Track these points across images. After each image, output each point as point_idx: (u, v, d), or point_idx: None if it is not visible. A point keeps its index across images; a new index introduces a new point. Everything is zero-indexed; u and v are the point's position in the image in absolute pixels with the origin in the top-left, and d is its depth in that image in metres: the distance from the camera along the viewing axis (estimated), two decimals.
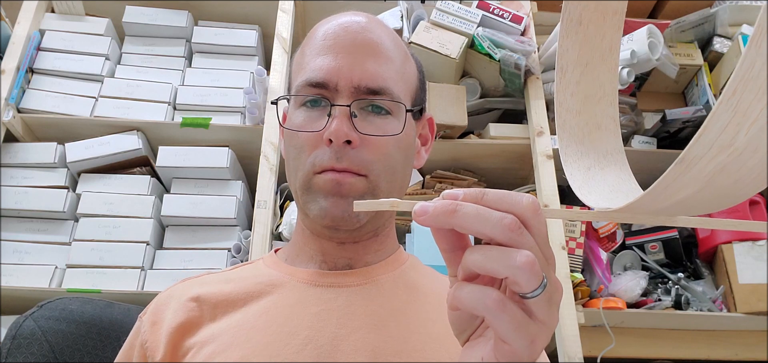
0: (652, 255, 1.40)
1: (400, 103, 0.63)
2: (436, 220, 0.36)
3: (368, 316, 0.59)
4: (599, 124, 0.45)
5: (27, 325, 0.72)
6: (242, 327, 0.59)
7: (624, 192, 0.41)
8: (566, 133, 0.44)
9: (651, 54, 1.31)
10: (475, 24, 1.41)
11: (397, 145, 0.62)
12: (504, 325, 0.35)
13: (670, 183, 0.31)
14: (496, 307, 0.34)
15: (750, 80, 0.25)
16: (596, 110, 0.45)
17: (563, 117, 0.44)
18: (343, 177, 0.59)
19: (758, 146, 0.27)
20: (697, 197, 0.32)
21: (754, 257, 1.33)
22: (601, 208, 0.39)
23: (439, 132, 1.37)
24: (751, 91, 0.25)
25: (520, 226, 0.35)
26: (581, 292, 1.26)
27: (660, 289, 1.35)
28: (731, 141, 0.27)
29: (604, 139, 0.44)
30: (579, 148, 0.44)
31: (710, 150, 0.28)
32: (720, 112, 0.26)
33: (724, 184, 0.31)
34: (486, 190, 0.36)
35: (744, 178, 0.30)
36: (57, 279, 1.23)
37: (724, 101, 0.26)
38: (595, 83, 0.44)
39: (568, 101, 0.44)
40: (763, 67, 0.24)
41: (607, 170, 0.43)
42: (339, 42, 0.62)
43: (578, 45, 0.44)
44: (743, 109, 0.26)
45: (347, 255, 0.65)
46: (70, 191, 1.31)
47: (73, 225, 1.29)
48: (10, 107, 1.33)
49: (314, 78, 0.61)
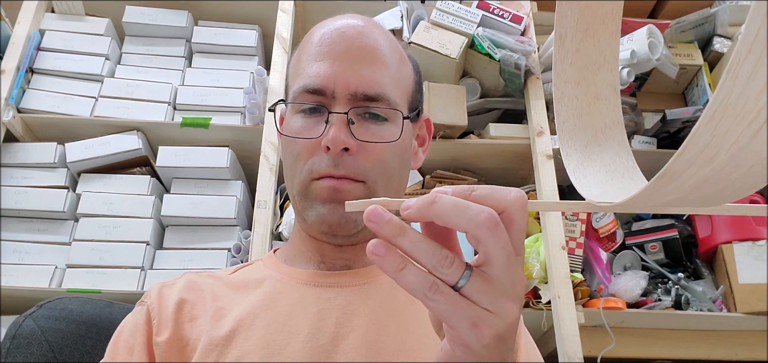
0: (652, 255, 1.40)
1: (396, 110, 0.63)
2: (418, 213, 0.36)
3: (367, 315, 0.60)
4: (599, 93, 0.43)
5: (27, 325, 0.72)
6: (241, 326, 0.59)
7: (619, 172, 0.40)
8: (564, 107, 0.43)
9: (651, 54, 1.31)
10: (475, 24, 1.41)
11: (393, 150, 0.63)
12: (440, 307, 0.35)
13: (653, 192, 0.30)
14: (430, 290, 0.35)
15: (728, 107, 0.25)
16: (596, 79, 0.43)
17: (561, 89, 0.43)
18: (341, 184, 0.60)
19: (740, 162, 0.27)
20: (685, 200, 0.32)
21: (754, 257, 1.33)
22: (591, 200, 0.38)
23: (439, 132, 1.37)
24: (729, 116, 0.25)
25: (496, 223, 0.35)
26: (581, 292, 1.26)
27: (660, 289, 1.35)
28: (712, 159, 0.27)
29: (604, 110, 0.43)
30: (577, 122, 0.43)
31: (691, 167, 0.28)
32: (699, 133, 0.26)
33: (708, 191, 0.30)
34: (476, 186, 0.37)
35: (728, 188, 0.30)
36: (57, 279, 1.23)
37: (703, 125, 0.26)
38: (596, 49, 0.42)
39: (567, 71, 0.42)
40: (740, 96, 0.24)
41: (604, 146, 0.42)
42: (335, 48, 0.62)
43: (577, 9, 0.41)
44: (723, 131, 0.26)
45: (345, 257, 0.66)
46: (70, 191, 1.31)
47: (73, 225, 1.29)
48: (10, 107, 1.33)
49: (311, 84, 0.61)
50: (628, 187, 0.39)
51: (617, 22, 0.42)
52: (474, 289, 0.36)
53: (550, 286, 1.23)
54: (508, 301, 0.36)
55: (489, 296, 0.36)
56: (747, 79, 0.24)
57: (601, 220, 1.40)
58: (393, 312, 0.61)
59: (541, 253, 1.28)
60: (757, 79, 0.24)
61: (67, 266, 1.24)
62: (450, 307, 0.35)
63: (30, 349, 0.71)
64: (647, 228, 1.43)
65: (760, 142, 0.26)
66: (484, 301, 0.36)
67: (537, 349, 0.64)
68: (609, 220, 1.40)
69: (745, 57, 0.23)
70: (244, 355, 0.56)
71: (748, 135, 0.26)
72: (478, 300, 0.36)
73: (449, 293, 0.35)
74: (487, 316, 0.36)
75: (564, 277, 1.21)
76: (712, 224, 1.39)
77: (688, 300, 1.31)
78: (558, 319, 1.18)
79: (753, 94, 0.24)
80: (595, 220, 1.40)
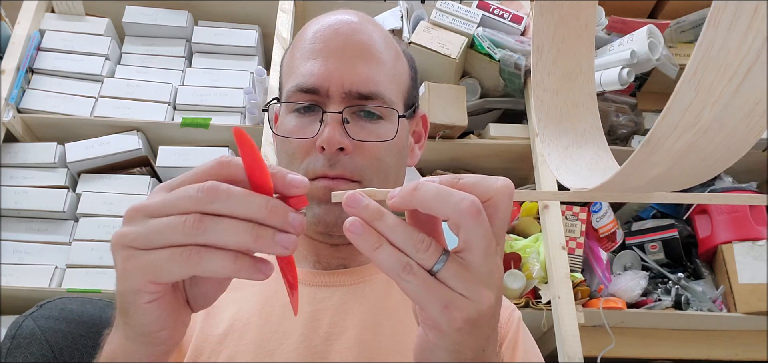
0: (652, 255, 1.40)
1: (392, 108, 0.62)
2: (402, 201, 0.37)
3: (361, 315, 0.59)
4: (576, 102, 0.45)
5: (26, 325, 0.72)
6: (235, 326, 0.59)
7: (601, 169, 0.42)
8: (544, 114, 0.44)
9: (651, 54, 1.31)
10: (475, 24, 1.41)
11: (389, 149, 0.62)
12: (413, 288, 0.36)
13: (639, 163, 0.31)
14: (404, 271, 0.36)
15: (710, 59, 0.25)
16: (573, 88, 0.45)
17: (541, 97, 0.44)
18: (337, 184, 0.59)
19: (724, 122, 0.28)
20: (669, 174, 0.32)
21: (754, 257, 1.33)
22: (577, 188, 0.39)
23: (439, 132, 1.37)
24: (712, 69, 0.25)
25: (478, 211, 0.35)
26: (581, 292, 1.26)
27: (660, 289, 1.35)
28: (696, 120, 0.27)
29: (582, 117, 0.44)
30: (557, 127, 0.44)
31: (675, 130, 0.28)
32: (682, 92, 0.26)
33: (692, 161, 0.31)
34: (463, 175, 0.37)
35: (712, 155, 0.30)
36: (57, 279, 1.23)
37: (686, 81, 0.26)
38: (573, 61, 0.44)
39: (545, 81, 0.44)
40: (722, 47, 0.25)
41: (585, 148, 0.43)
42: (329, 45, 0.62)
43: (554, 23, 0.44)
44: (706, 87, 0.26)
45: (341, 256, 0.65)
46: (70, 191, 1.31)
47: (73, 225, 1.29)
48: (10, 107, 1.33)
49: (305, 83, 0.61)
50: None
51: (591, 34, 0.44)
52: (449, 273, 0.36)
53: (550, 286, 1.23)
54: (485, 288, 0.37)
55: (464, 282, 0.36)
56: (727, 27, 0.24)
57: (601, 220, 1.40)
58: (387, 311, 0.61)
59: (541, 253, 1.28)
60: (737, 28, 0.24)
61: (67, 266, 1.24)
62: (422, 288, 0.36)
63: (30, 349, 0.71)
64: (647, 228, 1.43)
65: (741, 97, 0.26)
66: (459, 286, 0.36)
67: (537, 349, 0.64)
68: (609, 220, 1.39)
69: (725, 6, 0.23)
70: (237, 354, 0.56)
71: (730, 90, 0.26)
72: (453, 285, 0.36)
73: (422, 275, 0.36)
74: (459, 299, 0.36)
75: (564, 277, 1.21)
76: (712, 224, 1.39)
77: (688, 300, 1.31)
78: (558, 319, 1.18)
79: (734, 44, 0.24)
80: (595, 220, 1.40)
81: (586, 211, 1.36)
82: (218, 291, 0.42)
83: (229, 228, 0.35)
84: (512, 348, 0.61)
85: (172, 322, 0.40)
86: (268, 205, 0.36)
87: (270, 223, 0.36)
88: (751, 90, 0.26)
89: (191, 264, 0.35)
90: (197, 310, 0.42)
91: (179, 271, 0.36)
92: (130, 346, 0.41)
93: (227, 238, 0.35)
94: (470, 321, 0.36)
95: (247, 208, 0.35)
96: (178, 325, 0.41)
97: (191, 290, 0.42)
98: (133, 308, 0.38)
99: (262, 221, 0.36)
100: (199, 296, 0.42)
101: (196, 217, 0.35)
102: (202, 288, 0.41)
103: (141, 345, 0.41)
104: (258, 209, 0.36)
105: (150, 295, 0.37)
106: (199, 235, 0.35)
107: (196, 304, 0.42)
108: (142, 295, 0.37)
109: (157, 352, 0.41)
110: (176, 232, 0.35)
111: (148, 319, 0.39)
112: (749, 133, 0.29)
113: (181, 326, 0.41)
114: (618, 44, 1.36)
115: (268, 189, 0.37)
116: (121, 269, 0.37)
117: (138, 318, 0.39)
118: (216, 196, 0.35)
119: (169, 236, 0.36)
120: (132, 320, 0.39)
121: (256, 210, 0.36)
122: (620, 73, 1.28)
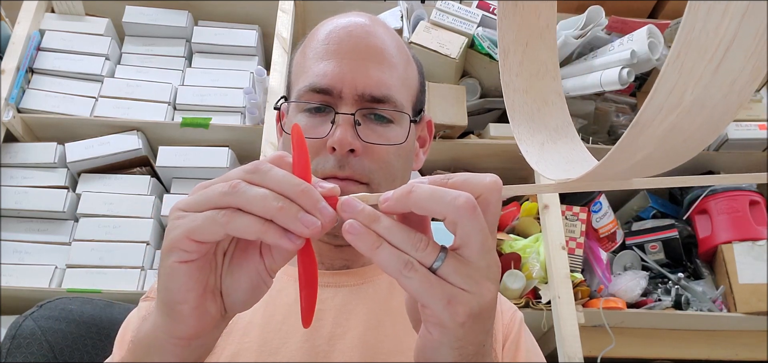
0: (652, 255, 1.40)
1: (403, 113, 0.63)
2: (396, 204, 0.37)
3: (364, 315, 0.60)
4: (546, 99, 0.46)
5: (27, 325, 0.72)
6: (238, 324, 0.59)
7: (578, 162, 0.43)
8: (517, 113, 0.46)
9: (651, 54, 1.31)
10: (475, 24, 1.41)
11: (397, 152, 0.63)
12: (415, 285, 0.36)
13: (626, 147, 0.32)
14: (406, 268, 0.36)
15: (692, 42, 0.26)
16: (541, 87, 0.46)
17: (511, 97, 0.46)
18: (346, 185, 0.59)
19: (704, 103, 0.29)
20: (652, 157, 0.34)
21: (754, 257, 1.33)
22: (561, 180, 0.39)
23: (439, 132, 1.37)
24: (694, 51, 0.27)
25: (474, 207, 0.36)
26: (581, 292, 1.26)
27: (660, 289, 1.35)
28: (679, 101, 0.29)
29: (553, 115, 0.46)
30: (530, 125, 0.45)
31: (661, 112, 0.29)
32: (667, 74, 0.28)
33: (674, 142, 0.32)
34: (451, 174, 0.38)
35: (693, 136, 0.32)
36: (57, 279, 1.23)
37: (670, 64, 0.27)
38: (537, 61, 0.46)
39: (514, 82, 0.46)
40: (703, 29, 0.26)
41: (559, 143, 0.45)
42: (343, 47, 0.62)
43: (516, 26, 0.45)
44: (688, 69, 0.27)
45: (344, 257, 0.66)
46: (70, 191, 1.31)
47: (73, 225, 1.29)
48: (10, 107, 1.33)
49: (318, 84, 0.61)
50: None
51: (553, 34, 0.46)
52: (450, 269, 0.36)
53: (550, 286, 1.23)
54: (486, 281, 0.37)
55: (464, 277, 0.36)
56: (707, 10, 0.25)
57: (601, 220, 1.40)
58: (390, 311, 0.61)
59: (541, 253, 1.28)
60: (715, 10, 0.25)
61: (67, 266, 1.24)
62: (424, 285, 0.36)
63: (30, 349, 0.71)
64: (647, 228, 1.43)
65: (720, 77, 0.28)
66: (460, 281, 0.36)
67: (539, 349, 0.64)
68: (609, 220, 1.40)
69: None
70: (241, 352, 0.56)
71: (710, 70, 0.27)
72: (454, 280, 0.36)
73: (423, 272, 0.36)
74: (462, 294, 0.36)
75: (564, 277, 1.21)
76: (712, 224, 1.39)
77: (688, 300, 1.31)
78: (558, 319, 1.18)
79: (712, 27, 0.26)
80: (595, 220, 1.40)
81: (586, 211, 1.36)
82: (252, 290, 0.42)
83: (259, 194, 0.38)
84: (514, 348, 0.61)
85: (195, 298, 0.40)
86: (301, 186, 0.38)
87: (300, 202, 0.38)
88: (729, 70, 0.28)
89: (222, 222, 0.37)
90: (233, 314, 0.43)
91: (214, 229, 0.38)
92: (158, 317, 0.42)
93: (256, 203, 0.37)
94: (473, 315, 0.37)
95: (282, 184, 0.38)
96: (200, 307, 0.40)
97: (226, 280, 0.42)
98: (165, 268, 0.40)
99: (294, 199, 0.38)
100: (232, 288, 0.42)
101: (234, 182, 0.38)
102: (236, 276, 0.41)
103: (164, 315, 0.41)
104: (291, 187, 0.38)
105: (184, 253, 0.39)
106: (233, 195, 0.38)
107: (232, 305, 0.42)
108: (177, 253, 0.39)
109: (179, 330, 0.41)
110: (216, 192, 0.38)
111: (174, 284, 0.39)
112: (726, 112, 0.31)
113: (204, 313, 0.41)
114: (618, 44, 1.36)
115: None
116: (169, 228, 0.40)
117: (166, 280, 0.40)
118: (258, 170, 0.39)
119: (210, 197, 0.39)
120: (161, 283, 0.40)
121: (289, 188, 0.38)
122: (620, 73, 1.28)
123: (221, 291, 0.42)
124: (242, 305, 0.42)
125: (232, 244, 0.42)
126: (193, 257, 0.39)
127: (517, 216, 1.38)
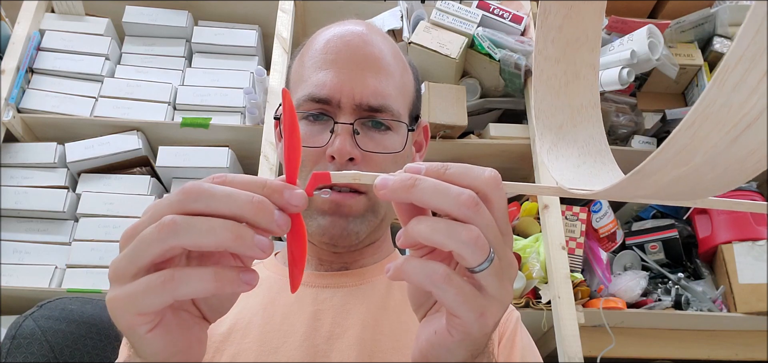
0: (652, 255, 1.40)
1: (400, 121, 0.64)
2: (394, 194, 0.35)
3: (362, 315, 0.60)
4: (578, 73, 0.42)
5: (27, 325, 0.72)
6: (238, 325, 0.59)
7: (592, 156, 0.40)
8: (542, 84, 0.42)
9: (651, 54, 1.31)
10: (475, 24, 1.41)
11: (394, 159, 0.63)
12: (451, 298, 0.35)
13: (628, 187, 0.31)
14: (442, 281, 0.34)
15: (710, 115, 0.25)
16: (576, 58, 0.42)
17: (541, 66, 0.42)
18: (344, 198, 0.60)
19: (715, 165, 0.28)
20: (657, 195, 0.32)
21: (754, 257, 1.33)
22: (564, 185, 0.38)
23: (439, 132, 1.37)
24: (710, 123, 0.25)
25: (476, 202, 0.35)
26: (581, 292, 1.26)
27: (660, 289, 1.35)
28: (688, 160, 0.27)
29: (580, 91, 0.42)
30: (554, 101, 0.42)
31: (666, 166, 0.28)
32: (678, 137, 0.26)
33: (682, 188, 0.31)
34: (449, 164, 0.36)
35: (701, 186, 0.30)
36: (57, 279, 1.23)
37: (683, 130, 0.26)
38: (579, 27, 0.42)
39: (548, 48, 0.42)
40: (724, 104, 0.24)
41: (580, 127, 0.42)
42: (340, 56, 0.63)
43: None
44: (701, 136, 0.26)
45: (343, 260, 0.66)
46: (70, 191, 1.31)
47: (73, 225, 1.29)
48: (10, 107, 1.33)
49: (317, 94, 0.62)
50: (599, 172, 0.40)
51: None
52: (487, 275, 0.35)
53: (550, 286, 1.23)
54: (509, 284, 0.37)
55: (496, 282, 0.35)
56: (733, 88, 0.24)
57: (601, 220, 1.40)
58: (388, 312, 0.61)
59: (541, 253, 1.28)
60: (742, 89, 0.24)
61: (67, 266, 1.24)
62: (459, 298, 0.35)
63: (30, 349, 0.71)
64: (647, 228, 1.43)
65: (738, 147, 0.26)
66: (492, 287, 0.35)
67: (535, 347, 0.64)
68: (609, 220, 1.39)
69: (734, 66, 0.23)
70: (240, 353, 0.57)
71: (727, 141, 0.26)
72: (487, 286, 0.35)
73: (460, 284, 0.35)
74: (493, 303, 0.36)
75: (564, 277, 1.21)
76: (712, 224, 1.39)
77: (688, 300, 1.31)
78: (558, 319, 1.18)
79: (737, 103, 0.24)
80: (595, 220, 1.40)
81: (586, 211, 1.36)
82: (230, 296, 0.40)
83: (205, 226, 0.32)
84: (510, 346, 0.61)
85: (184, 342, 0.37)
86: (252, 201, 0.33)
87: (255, 220, 0.34)
88: (747, 144, 0.26)
89: (168, 290, 0.33)
90: (214, 320, 0.40)
91: (159, 300, 0.33)
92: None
93: (203, 238, 0.32)
94: (497, 322, 0.37)
95: (230, 205, 0.33)
96: (192, 344, 0.38)
97: (203, 302, 0.40)
98: (136, 340, 0.36)
99: (248, 219, 0.34)
100: (211, 306, 0.40)
101: (169, 219, 0.32)
102: (211, 298, 0.39)
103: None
104: (242, 206, 0.33)
105: (146, 325, 0.35)
106: (172, 237, 0.32)
107: (212, 314, 0.40)
108: (138, 328, 0.35)
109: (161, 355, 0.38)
110: (151, 241, 0.33)
111: (155, 348, 0.36)
112: (740, 173, 0.29)
113: (197, 344, 0.39)
114: (618, 44, 1.36)
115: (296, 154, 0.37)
116: (110, 307, 0.35)
117: (145, 348, 0.36)
118: (199, 195, 0.33)
119: (145, 250, 0.33)
120: (141, 352, 0.37)
121: (241, 207, 0.33)
122: (620, 73, 1.28)
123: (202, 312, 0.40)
124: (225, 311, 0.41)
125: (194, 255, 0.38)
126: (157, 321, 0.35)
127: (517, 216, 1.38)
